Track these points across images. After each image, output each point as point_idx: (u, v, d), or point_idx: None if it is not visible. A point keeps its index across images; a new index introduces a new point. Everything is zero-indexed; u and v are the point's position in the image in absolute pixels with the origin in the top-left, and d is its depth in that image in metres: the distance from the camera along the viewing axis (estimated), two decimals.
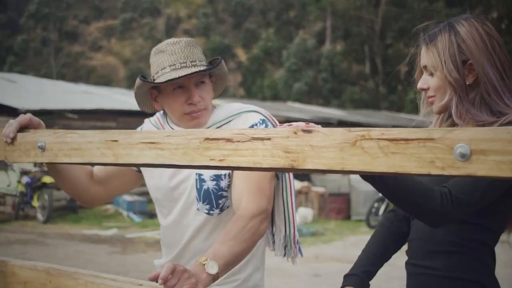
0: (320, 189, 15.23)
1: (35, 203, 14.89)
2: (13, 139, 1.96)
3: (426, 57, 1.94)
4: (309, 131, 1.36)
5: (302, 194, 14.81)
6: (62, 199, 15.67)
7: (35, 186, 14.86)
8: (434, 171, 1.20)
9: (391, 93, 41.15)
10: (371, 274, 2.11)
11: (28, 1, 69.71)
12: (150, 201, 17.14)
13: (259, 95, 42.86)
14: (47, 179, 14.65)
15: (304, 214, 13.62)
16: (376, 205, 13.00)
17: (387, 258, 2.15)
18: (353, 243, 10.70)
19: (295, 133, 1.38)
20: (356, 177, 14.88)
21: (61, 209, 15.70)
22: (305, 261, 9.09)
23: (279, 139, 1.40)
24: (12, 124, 1.98)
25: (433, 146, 1.19)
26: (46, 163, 1.96)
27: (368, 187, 14.50)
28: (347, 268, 2.17)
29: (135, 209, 15.63)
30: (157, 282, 1.63)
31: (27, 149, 1.94)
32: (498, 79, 1.84)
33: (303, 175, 16.59)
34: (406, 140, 1.23)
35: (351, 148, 1.30)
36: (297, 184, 14.34)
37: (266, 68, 47.88)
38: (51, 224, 14.45)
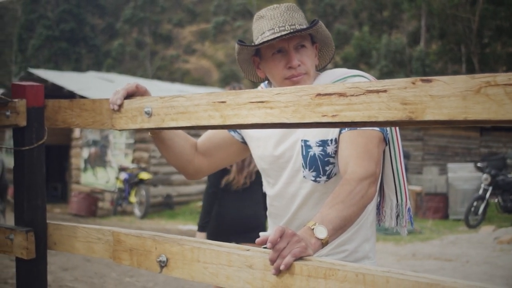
0: (417, 188, 14.94)
1: (133, 199, 15.28)
2: (120, 106, 1.97)
3: None
4: (428, 80, 1.29)
5: None
6: (159, 196, 16.02)
7: (133, 182, 15.25)
8: None
9: None
10: None
11: (124, 6, 71.71)
12: None
13: None
14: (144, 176, 15.00)
15: None
16: (475, 204, 12.57)
17: None
18: (451, 241, 10.38)
19: (413, 83, 1.31)
20: (454, 175, 14.52)
21: (157, 205, 16.04)
22: (402, 258, 8.91)
23: (395, 90, 1.34)
24: (119, 91, 1.99)
25: None
26: (152, 129, 1.96)
27: (466, 185, 14.13)
28: (444, 266, 2.09)
29: None
30: (265, 246, 1.57)
31: (134, 115, 1.94)
32: None
33: None
34: None
35: (475, 96, 1.22)
36: None
37: (360, 69, 47.23)
38: (148, 219, 14.78)
